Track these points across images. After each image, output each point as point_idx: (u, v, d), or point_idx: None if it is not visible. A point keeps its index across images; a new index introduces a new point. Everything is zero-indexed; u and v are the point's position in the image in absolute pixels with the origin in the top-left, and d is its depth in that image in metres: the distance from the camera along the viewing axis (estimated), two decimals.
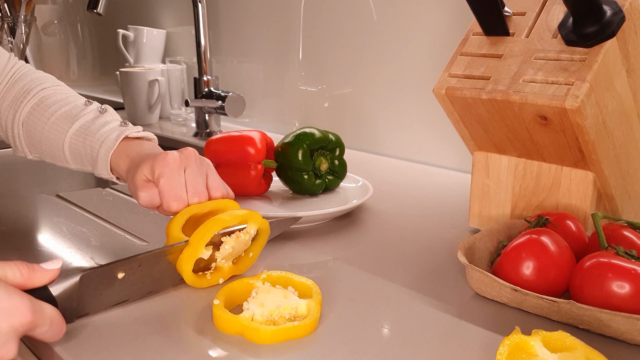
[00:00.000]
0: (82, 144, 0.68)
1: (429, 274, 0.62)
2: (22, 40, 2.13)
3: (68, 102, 0.72)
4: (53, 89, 0.73)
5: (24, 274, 0.44)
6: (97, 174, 0.68)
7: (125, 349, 0.48)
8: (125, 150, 0.66)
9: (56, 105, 0.71)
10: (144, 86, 1.44)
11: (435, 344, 0.48)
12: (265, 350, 0.47)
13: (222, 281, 0.59)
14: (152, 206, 0.60)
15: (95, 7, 1.11)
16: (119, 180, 0.68)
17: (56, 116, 0.70)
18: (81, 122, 0.69)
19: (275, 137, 0.91)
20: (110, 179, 0.68)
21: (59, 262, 0.47)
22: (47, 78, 0.75)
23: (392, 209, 0.83)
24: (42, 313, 0.43)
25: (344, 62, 1.20)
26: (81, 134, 0.68)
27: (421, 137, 1.09)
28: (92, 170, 0.69)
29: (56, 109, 0.71)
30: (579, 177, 0.63)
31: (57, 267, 0.47)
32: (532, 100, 0.58)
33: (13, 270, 0.44)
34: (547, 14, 0.63)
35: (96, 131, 0.68)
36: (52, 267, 0.47)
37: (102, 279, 0.51)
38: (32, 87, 0.73)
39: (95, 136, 0.67)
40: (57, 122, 0.70)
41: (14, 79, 0.74)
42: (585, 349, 0.42)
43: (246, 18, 1.41)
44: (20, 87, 0.73)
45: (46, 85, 0.73)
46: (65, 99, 0.72)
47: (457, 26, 0.98)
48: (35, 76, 0.75)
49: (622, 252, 0.51)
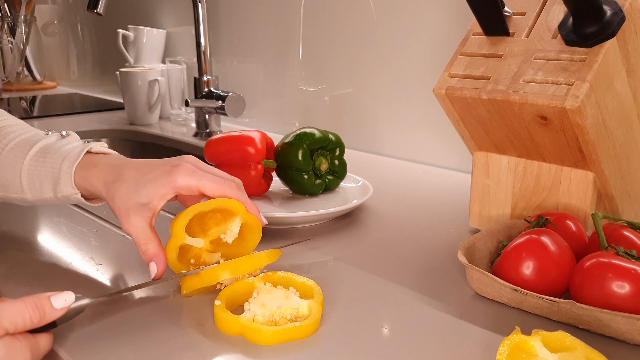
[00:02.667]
0: (42, 164, 0.63)
1: (429, 274, 0.62)
2: (22, 40, 2.13)
3: (27, 131, 0.67)
4: (12, 120, 0.69)
5: (35, 320, 0.45)
6: (58, 194, 0.62)
7: (125, 349, 0.48)
8: (91, 162, 0.61)
9: (13, 134, 0.66)
10: (144, 86, 1.44)
11: (435, 344, 0.48)
12: (267, 351, 0.47)
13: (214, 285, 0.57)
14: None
15: (95, 7, 1.11)
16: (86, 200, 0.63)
17: (13, 144, 0.65)
18: (41, 145, 0.64)
19: (275, 137, 0.91)
20: (74, 194, 0.62)
21: (71, 297, 0.47)
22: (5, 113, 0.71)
23: (392, 209, 0.83)
24: (38, 352, 0.45)
25: (344, 62, 1.20)
26: (41, 155, 0.63)
27: (421, 137, 1.09)
28: (53, 194, 0.63)
29: (13, 137, 0.65)
30: (579, 177, 0.63)
31: (69, 304, 0.47)
32: (532, 100, 0.58)
33: (24, 319, 0.44)
34: (547, 14, 0.63)
35: (58, 149, 0.63)
36: (64, 304, 0.46)
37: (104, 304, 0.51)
38: None
39: (56, 154, 0.63)
40: (14, 149, 0.64)
41: None
42: (585, 349, 0.42)
43: (246, 18, 1.41)
44: None
45: (4, 117, 0.69)
46: (23, 129, 0.67)
47: (457, 26, 0.98)
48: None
49: (622, 252, 0.51)
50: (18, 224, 0.78)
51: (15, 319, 0.44)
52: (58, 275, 0.62)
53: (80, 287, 0.59)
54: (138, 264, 0.64)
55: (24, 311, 0.44)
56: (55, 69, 2.33)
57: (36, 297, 0.45)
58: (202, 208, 0.57)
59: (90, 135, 1.43)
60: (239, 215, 0.59)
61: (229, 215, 0.59)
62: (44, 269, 0.64)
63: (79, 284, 0.60)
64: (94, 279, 0.61)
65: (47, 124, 1.49)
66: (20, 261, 0.66)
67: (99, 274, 0.62)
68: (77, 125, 1.47)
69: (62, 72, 2.30)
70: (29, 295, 0.45)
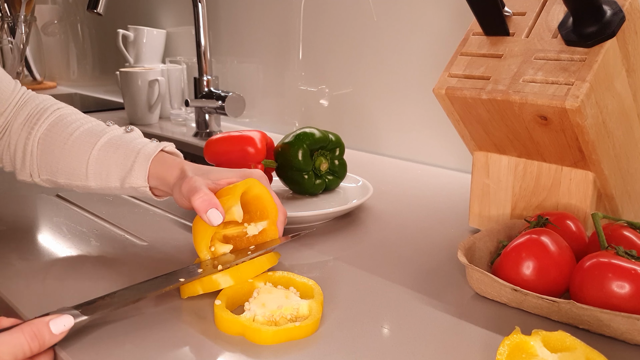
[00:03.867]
0: (114, 154, 0.66)
1: (429, 274, 0.62)
2: (22, 40, 2.13)
3: (89, 121, 0.70)
4: (70, 109, 0.72)
5: (34, 349, 0.45)
6: (126, 185, 0.65)
7: (126, 349, 0.48)
8: (164, 159, 0.65)
9: (77, 122, 0.69)
10: (144, 86, 1.44)
11: (435, 344, 0.48)
12: (267, 351, 0.47)
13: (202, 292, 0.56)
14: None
15: (95, 7, 1.11)
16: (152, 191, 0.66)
17: (79, 132, 0.67)
18: (109, 136, 0.67)
19: (275, 137, 0.91)
20: (143, 187, 0.65)
21: (70, 322, 0.47)
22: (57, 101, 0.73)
23: (392, 209, 0.83)
24: None
25: (344, 62, 1.20)
26: (112, 146, 0.66)
27: (421, 137, 1.09)
28: (119, 184, 0.65)
29: (78, 126, 0.68)
30: (579, 177, 0.63)
31: (67, 329, 0.46)
32: (532, 100, 0.58)
33: (23, 350, 0.44)
34: (547, 14, 0.63)
35: (129, 142, 0.66)
36: (63, 329, 0.46)
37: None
38: (47, 107, 0.71)
39: (129, 146, 0.66)
40: (80, 138, 0.67)
41: (24, 99, 0.72)
42: (585, 349, 0.42)
43: (246, 18, 1.41)
44: (33, 106, 0.71)
45: (61, 106, 0.72)
46: (85, 118, 0.70)
47: (457, 26, 0.98)
48: (46, 97, 0.73)
49: (622, 252, 0.51)
50: (18, 224, 0.78)
51: (15, 351, 0.44)
52: (58, 276, 0.62)
53: (80, 287, 0.59)
54: (138, 264, 0.64)
55: (23, 342, 0.44)
56: (55, 69, 2.33)
57: (34, 324, 0.45)
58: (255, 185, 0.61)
59: None
60: (269, 220, 0.62)
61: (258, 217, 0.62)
62: (44, 269, 0.64)
63: (79, 284, 0.60)
64: (94, 279, 0.61)
65: None
66: (20, 261, 0.66)
67: (99, 275, 0.62)
68: None
69: (62, 72, 2.30)
70: (27, 322, 0.45)
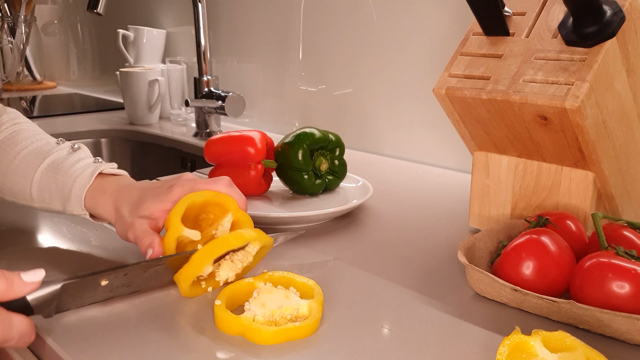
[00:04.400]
0: (54, 180, 0.64)
1: (429, 274, 0.62)
2: (22, 40, 2.13)
3: (39, 139, 0.68)
4: (26, 125, 0.70)
5: (1, 288, 0.44)
6: (67, 211, 0.65)
7: (125, 349, 0.48)
8: (101, 187, 0.63)
9: (27, 140, 0.68)
10: (144, 86, 1.44)
11: (435, 344, 0.48)
12: (267, 351, 0.47)
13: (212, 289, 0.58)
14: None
15: (95, 7, 1.11)
16: (92, 218, 0.65)
17: (26, 152, 0.66)
18: (53, 159, 0.65)
19: (275, 137, 0.91)
20: (82, 214, 0.64)
21: (41, 273, 0.46)
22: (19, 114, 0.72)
23: (392, 209, 0.83)
24: (10, 328, 0.44)
25: (344, 62, 1.20)
26: (52, 171, 0.65)
27: (421, 137, 1.09)
28: (62, 209, 0.65)
29: (26, 144, 0.67)
30: (579, 177, 0.63)
31: (38, 279, 0.46)
32: (532, 100, 0.58)
33: None
34: (547, 14, 0.63)
35: (69, 168, 0.65)
36: (33, 279, 0.45)
37: (85, 286, 0.50)
38: (3, 122, 0.69)
39: (67, 172, 0.64)
40: (26, 158, 0.66)
41: None
42: (585, 349, 0.42)
43: (246, 18, 1.41)
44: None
45: (19, 121, 0.70)
46: (36, 135, 0.69)
47: (457, 26, 0.98)
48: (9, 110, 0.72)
49: (622, 252, 0.51)
50: (18, 224, 0.78)
51: None
52: (58, 276, 0.62)
53: None
54: None
55: None
56: (55, 69, 2.33)
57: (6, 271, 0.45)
58: (195, 198, 0.58)
59: (90, 135, 1.43)
60: (231, 212, 0.60)
61: (221, 214, 0.60)
62: (44, 269, 0.64)
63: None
64: None
65: (47, 124, 1.49)
66: (20, 261, 0.66)
67: None
68: (77, 125, 1.47)
69: (62, 72, 2.30)
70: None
